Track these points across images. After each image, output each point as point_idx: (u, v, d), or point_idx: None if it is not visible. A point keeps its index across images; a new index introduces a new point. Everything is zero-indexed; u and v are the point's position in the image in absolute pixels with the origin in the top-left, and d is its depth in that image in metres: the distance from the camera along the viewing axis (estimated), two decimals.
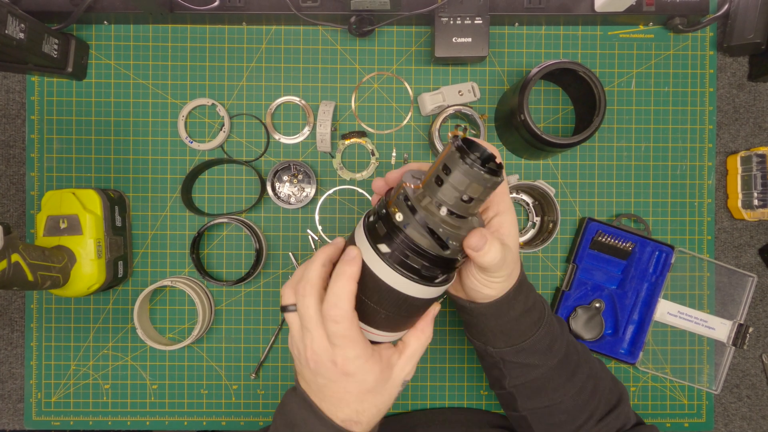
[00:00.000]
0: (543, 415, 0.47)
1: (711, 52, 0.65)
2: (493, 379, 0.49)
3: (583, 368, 0.48)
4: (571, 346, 0.48)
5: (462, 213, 0.35)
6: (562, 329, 0.48)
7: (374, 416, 0.39)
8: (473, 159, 0.32)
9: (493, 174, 0.32)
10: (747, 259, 0.66)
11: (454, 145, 0.33)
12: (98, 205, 0.57)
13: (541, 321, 0.45)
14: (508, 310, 0.43)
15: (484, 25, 0.58)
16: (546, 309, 0.46)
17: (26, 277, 0.50)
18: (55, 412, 0.64)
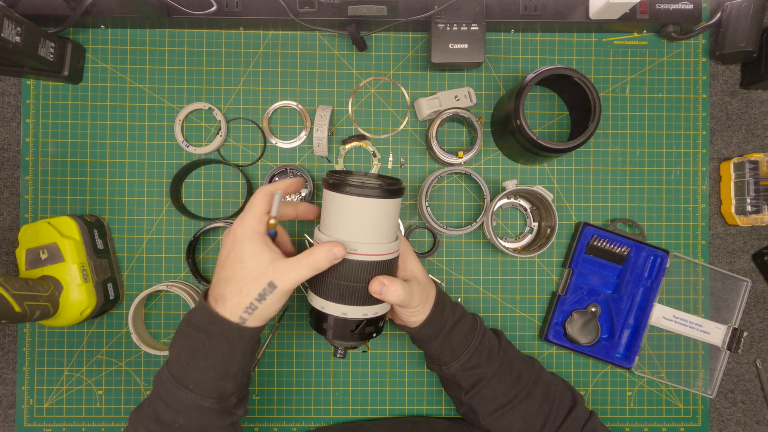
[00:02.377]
0: (502, 423, 0.52)
1: (704, 60, 0.65)
2: (455, 399, 0.56)
3: (529, 374, 0.54)
4: (513, 354, 0.54)
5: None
6: (499, 339, 0.55)
7: (236, 296, 0.42)
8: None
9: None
10: (741, 265, 0.67)
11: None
12: (75, 230, 0.57)
13: (475, 329, 0.52)
14: (440, 326, 0.50)
15: (480, 32, 0.58)
16: (477, 319, 0.54)
17: (13, 309, 0.49)
18: (47, 419, 0.63)
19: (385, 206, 0.45)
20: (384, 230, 0.46)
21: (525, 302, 0.65)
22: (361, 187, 0.44)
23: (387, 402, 0.64)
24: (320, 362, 0.64)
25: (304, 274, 0.41)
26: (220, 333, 0.42)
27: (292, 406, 0.64)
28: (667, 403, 0.65)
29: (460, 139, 0.65)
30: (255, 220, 0.43)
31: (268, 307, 0.42)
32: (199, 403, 0.43)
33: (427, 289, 0.49)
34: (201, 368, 0.42)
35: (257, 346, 0.46)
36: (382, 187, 0.45)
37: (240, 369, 0.44)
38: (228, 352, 0.42)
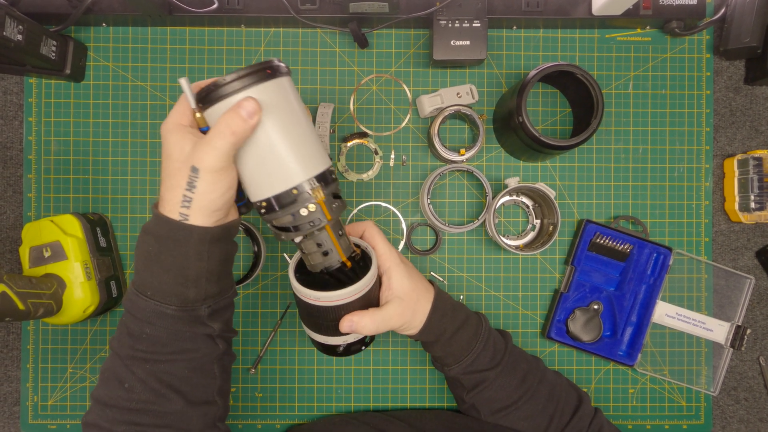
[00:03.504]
0: (505, 423, 0.52)
1: (708, 56, 0.65)
2: (458, 397, 0.56)
3: (534, 374, 0.53)
4: (519, 356, 0.54)
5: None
6: (506, 341, 0.54)
7: (169, 191, 0.39)
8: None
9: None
10: (744, 262, 0.66)
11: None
12: (78, 229, 0.57)
13: (478, 335, 0.51)
14: (439, 333, 0.50)
15: (482, 28, 0.58)
16: (482, 324, 0.53)
17: (17, 307, 0.49)
18: (51, 416, 0.63)
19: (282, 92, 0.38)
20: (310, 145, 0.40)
21: (527, 300, 0.65)
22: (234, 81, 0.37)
23: (389, 399, 0.64)
24: (322, 359, 0.64)
25: (220, 145, 0.36)
26: (167, 234, 0.39)
27: (295, 403, 0.64)
28: (670, 400, 0.65)
29: (462, 136, 0.65)
30: (178, 114, 0.40)
31: (203, 195, 0.38)
32: (160, 309, 0.40)
33: (413, 304, 0.48)
34: (155, 274, 0.40)
35: (219, 251, 0.41)
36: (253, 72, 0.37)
37: (200, 273, 0.40)
38: (180, 255, 0.39)
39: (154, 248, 0.40)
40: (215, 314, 0.43)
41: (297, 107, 0.40)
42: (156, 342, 0.41)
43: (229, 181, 0.39)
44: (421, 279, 0.51)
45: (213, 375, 0.44)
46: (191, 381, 0.42)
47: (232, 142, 0.37)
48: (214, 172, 0.37)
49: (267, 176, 0.39)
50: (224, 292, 0.44)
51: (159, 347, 0.41)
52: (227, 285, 0.45)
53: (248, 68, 0.37)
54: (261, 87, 0.37)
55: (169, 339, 0.41)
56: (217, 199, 0.39)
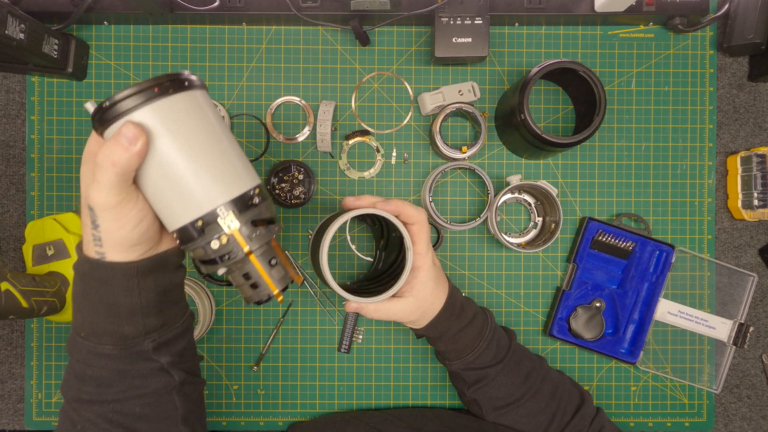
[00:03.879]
0: (506, 420, 0.53)
1: (711, 52, 0.65)
2: (459, 391, 0.56)
3: (537, 373, 0.53)
4: (523, 355, 0.54)
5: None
6: (510, 340, 0.54)
7: (83, 232, 0.37)
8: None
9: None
10: (747, 260, 0.66)
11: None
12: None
13: (483, 334, 0.51)
14: (444, 331, 0.50)
15: (484, 25, 0.58)
16: (488, 322, 0.52)
17: (20, 305, 0.50)
18: (55, 413, 0.63)
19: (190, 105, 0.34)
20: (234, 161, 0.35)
21: (529, 297, 0.65)
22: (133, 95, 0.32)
23: (391, 397, 0.64)
24: (324, 357, 0.64)
25: (104, 179, 0.33)
26: (89, 273, 0.37)
27: (297, 401, 0.64)
28: (672, 398, 0.65)
29: (464, 133, 0.65)
30: (92, 142, 0.36)
31: (110, 232, 0.35)
32: (96, 350, 0.38)
33: (426, 306, 0.49)
34: (86, 314, 0.38)
35: (153, 282, 0.38)
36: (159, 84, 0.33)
37: (133, 309, 0.37)
38: (105, 293, 0.37)
39: (80, 288, 0.38)
40: (162, 347, 0.40)
41: (205, 125, 0.35)
42: (101, 383, 0.39)
43: (135, 214, 0.35)
44: (442, 281, 0.50)
45: (173, 406, 0.41)
46: (147, 417, 0.40)
47: (115, 174, 0.32)
48: (109, 209, 0.34)
49: (168, 207, 0.35)
50: (170, 323, 0.41)
51: (104, 388, 0.39)
52: (174, 315, 0.41)
53: (141, 84, 0.32)
54: (154, 105, 0.32)
55: (113, 379, 0.39)
56: (127, 235, 0.35)
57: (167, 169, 0.34)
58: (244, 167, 0.37)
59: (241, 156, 0.37)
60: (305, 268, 0.64)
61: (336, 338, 0.64)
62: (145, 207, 0.36)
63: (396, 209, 0.47)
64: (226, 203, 0.34)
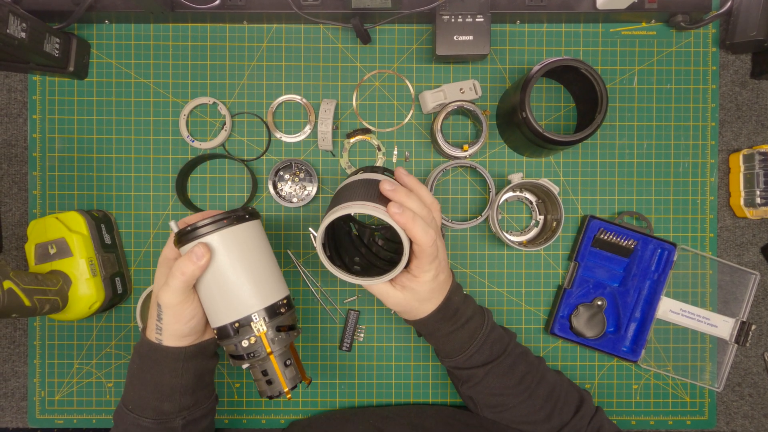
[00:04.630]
0: (503, 419, 0.53)
1: (713, 50, 0.64)
2: (455, 386, 0.56)
3: (533, 376, 0.53)
4: (519, 357, 0.53)
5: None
6: (509, 341, 0.53)
7: (150, 319, 0.47)
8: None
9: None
10: (749, 258, 0.66)
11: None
12: (83, 225, 0.57)
13: (475, 338, 0.51)
14: (433, 331, 0.50)
15: (486, 23, 0.58)
16: (484, 326, 0.52)
17: (23, 303, 0.50)
18: (58, 411, 0.64)
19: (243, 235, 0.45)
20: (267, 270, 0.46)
21: (531, 296, 0.65)
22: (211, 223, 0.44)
23: (392, 395, 0.64)
24: (326, 355, 0.64)
25: (174, 284, 0.43)
26: (147, 354, 0.47)
27: (299, 399, 0.64)
28: (674, 396, 0.65)
29: (465, 132, 0.65)
30: (167, 248, 0.48)
31: (169, 325, 0.45)
32: (137, 422, 0.47)
33: (422, 303, 0.48)
34: (136, 389, 0.48)
35: (194, 367, 0.47)
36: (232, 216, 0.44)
37: (174, 389, 0.47)
38: (156, 372, 0.46)
39: (137, 365, 0.48)
40: (189, 425, 0.49)
41: (253, 249, 0.45)
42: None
43: (190, 312, 0.45)
44: (442, 278, 0.48)
45: None
46: None
47: (183, 281, 0.43)
48: (172, 307, 0.44)
49: (214, 307, 0.45)
50: (200, 402, 0.50)
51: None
52: (204, 396, 0.50)
53: (212, 218, 0.44)
54: (217, 234, 0.44)
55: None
56: (182, 328, 0.45)
57: (220, 280, 0.44)
58: (277, 280, 0.47)
59: (275, 271, 0.47)
60: (306, 266, 0.64)
61: (337, 336, 0.64)
62: (197, 308, 0.46)
63: (405, 224, 0.43)
64: (259, 311, 0.44)
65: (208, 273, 0.44)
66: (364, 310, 0.64)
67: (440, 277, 0.48)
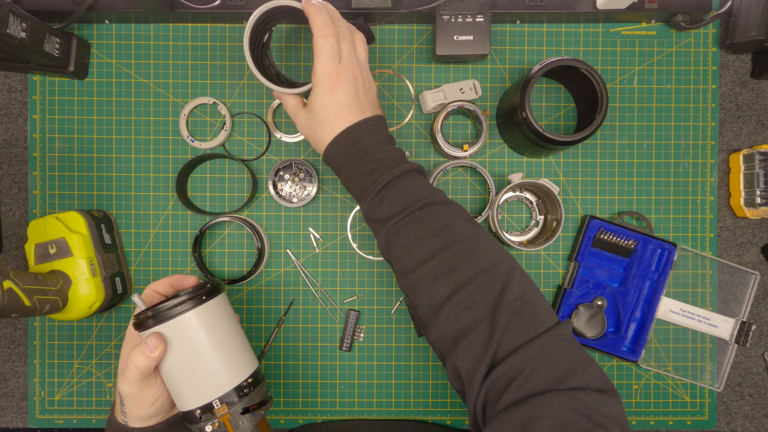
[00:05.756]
0: (413, 296, 0.43)
1: (713, 49, 0.64)
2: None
3: (454, 233, 0.41)
4: (437, 216, 0.42)
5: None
6: (431, 194, 0.43)
7: (115, 399, 0.46)
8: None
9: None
10: (749, 258, 0.66)
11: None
12: (83, 225, 0.57)
13: (377, 180, 0.43)
14: (339, 164, 0.46)
15: (486, 23, 0.58)
16: (390, 168, 0.44)
17: (23, 303, 0.50)
18: (58, 411, 0.64)
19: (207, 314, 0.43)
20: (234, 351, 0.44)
21: None
22: (167, 309, 0.42)
23: (392, 395, 0.64)
24: (326, 355, 0.64)
25: (129, 376, 0.42)
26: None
27: (299, 399, 0.64)
28: (674, 396, 0.65)
29: (465, 132, 0.65)
30: (131, 325, 0.45)
31: (132, 410, 0.44)
32: None
33: (322, 124, 0.45)
34: None
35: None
36: (192, 295, 0.43)
37: None
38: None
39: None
40: None
41: (216, 329, 0.43)
42: None
43: (152, 396, 0.44)
44: (348, 102, 0.44)
45: None
46: None
47: (137, 374, 0.42)
48: (131, 396, 0.43)
49: (178, 394, 0.44)
50: None
51: None
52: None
53: (170, 302, 0.42)
54: (175, 321, 0.42)
55: None
56: (145, 412, 0.44)
57: (181, 365, 0.43)
58: (243, 357, 0.45)
59: (240, 348, 0.45)
60: (306, 267, 0.64)
61: (337, 336, 0.64)
62: (160, 389, 0.44)
63: (307, 7, 0.45)
64: (220, 396, 0.43)
65: (169, 359, 0.42)
66: (364, 310, 0.64)
67: (340, 97, 0.43)
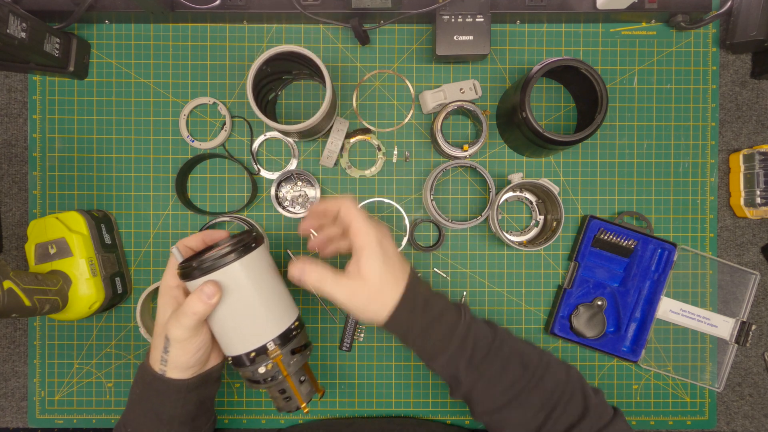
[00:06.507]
0: (496, 424, 0.47)
1: (713, 49, 0.64)
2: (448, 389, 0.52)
3: (527, 378, 0.47)
4: (510, 356, 0.47)
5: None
6: (494, 335, 0.48)
7: (154, 349, 0.47)
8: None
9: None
10: (749, 258, 0.66)
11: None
12: (83, 225, 0.57)
13: (453, 332, 0.46)
14: (408, 326, 0.46)
15: (486, 23, 0.58)
16: (461, 320, 0.47)
17: (23, 303, 0.50)
18: (58, 411, 0.64)
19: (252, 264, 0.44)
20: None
21: (531, 296, 0.65)
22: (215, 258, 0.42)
23: (392, 395, 0.64)
24: (326, 355, 0.64)
25: (184, 322, 0.43)
26: (149, 383, 0.46)
27: None
28: (674, 396, 0.65)
29: (465, 132, 0.65)
30: (169, 275, 0.46)
31: (176, 357, 0.44)
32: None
33: (374, 294, 0.44)
34: (137, 414, 0.48)
35: (196, 396, 0.47)
36: (238, 244, 0.43)
37: (173, 418, 0.47)
38: (157, 402, 0.46)
39: (138, 392, 0.48)
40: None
41: (263, 278, 0.45)
42: None
43: (197, 344, 0.45)
44: (396, 269, 0.45)
45: None
46: None
47: (194, 320, 0.43)
48: (181, 342, 0.44)
49: (228, 341, 0.45)
50: (198, 428, 0.50)
51: None
52: (203, 421, 0.51)
53: (218, 251, 0.43)
54: (228, 268, 0.43)
55: None
56: (188, 360, 0.45)
57: (233, 313, 0.44)
58: (288, 304, 0.47)
59: (285, 295, 0.47)
60: None
61: (337, 336, 0.64)
62: (205, 340, 0.45)
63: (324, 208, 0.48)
64: (273, 339, 0.45)
65: (220, 307, 0.43)
66: None
67: (389, 248, 0.45)
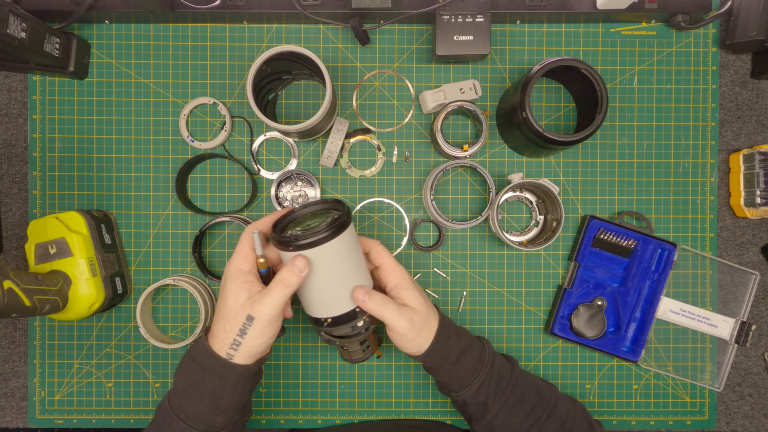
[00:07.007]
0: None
1: (714, 49, 0.64)
2: (467, 421, 0.55)
3: (543, 408, 0.51)
4: (527, 387, 0.52)
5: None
6: (512, 367, 0.53)
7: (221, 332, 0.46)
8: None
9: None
10: (749, 257, 0.66)
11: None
12: (83, 225, 0.57)
13: (482, 359, 0.51)
14: (445, 356, 0.50)
15: (486, 23, 0.58)
16: (486, 348, 0.52)
17: (23, 303, 0.50)
18: (58, 410, 0.64)
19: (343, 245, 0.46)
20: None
21: (531, 296, 0.65)
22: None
23: (393, 395, 0.64)
24: (326, 355, 0.64)
25: (277, 297, 0.44)
26: (211, 367, 0.45)
27: (299, 399, 0.64)
28: (674, 396, 0.65)
29: (465, 132, 0.65)
30: (241, 259, 0.47)
31: (251, 340, 0.44)
32: (185, 431, 0.46)
33: (423, 320, 0.49)
34: (192, 399, 0.46)
35: (251, 384, 0.48)
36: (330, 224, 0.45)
37: (230, 404, 0.46)
38: (218, 387, 0.45)
39: (197, 376, 0.46)
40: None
41: (348, 252, 0.47)
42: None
43: (275, 329, 0.46)
44: (428, 300, 0.51)
45: None
46: None
47: (287, 292, 0.44)
48: (268, 321, 0.44)
49: (328, 303, 0.48)
50: (245, 415, 0.50)
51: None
52: (248, 409, 0.51)
53: (316, 230, 0.45)
54: (317, 249, 0.45)
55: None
56: (262, 345, 0.45)
57: (338, 277, 0.47)
58: (367, 272, 0.50)
59: (365, 271, 0.50)
60: None
61: None
62: (279, 326, 0.46)
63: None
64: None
65: (325, 273, 0.46)
66: None
67: (416, 283, 0.51)
